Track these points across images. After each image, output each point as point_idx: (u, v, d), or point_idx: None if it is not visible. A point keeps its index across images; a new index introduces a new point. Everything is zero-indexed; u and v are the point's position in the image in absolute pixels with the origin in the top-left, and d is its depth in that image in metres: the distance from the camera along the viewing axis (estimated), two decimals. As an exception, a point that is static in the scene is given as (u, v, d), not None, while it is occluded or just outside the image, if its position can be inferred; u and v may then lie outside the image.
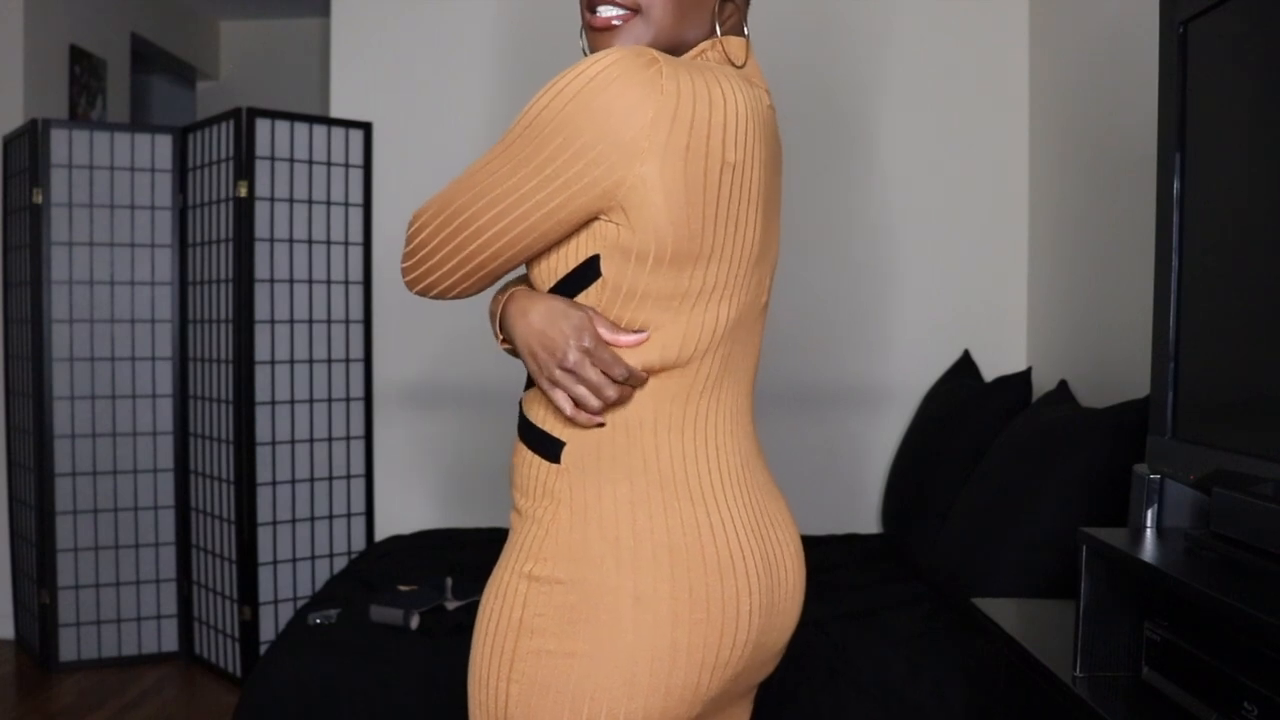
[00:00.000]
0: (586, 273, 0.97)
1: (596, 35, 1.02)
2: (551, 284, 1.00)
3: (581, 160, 0.91)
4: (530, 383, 1.07)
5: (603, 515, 0.98)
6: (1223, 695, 1.13)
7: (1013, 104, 3.16)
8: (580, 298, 0.98)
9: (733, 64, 1.04)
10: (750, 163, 0.97)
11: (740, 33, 1.09)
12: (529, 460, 1.04)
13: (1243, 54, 1.23)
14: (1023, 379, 2.67)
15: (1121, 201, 2.52)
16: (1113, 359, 2.56)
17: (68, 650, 3.20)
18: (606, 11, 1.00)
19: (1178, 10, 1.36)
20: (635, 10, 1.00)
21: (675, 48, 1.03)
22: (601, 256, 0.96)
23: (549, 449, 1.02)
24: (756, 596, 1.01)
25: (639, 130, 0.90)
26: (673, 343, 0.98)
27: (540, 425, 1.03)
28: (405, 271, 1.07)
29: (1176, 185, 1.36)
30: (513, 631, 0.98)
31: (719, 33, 1.04)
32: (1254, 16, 1.21)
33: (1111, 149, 2.58)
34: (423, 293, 1.06)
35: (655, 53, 0.93)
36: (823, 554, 2.77)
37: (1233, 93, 1.26)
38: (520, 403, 1.08)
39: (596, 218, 0.95)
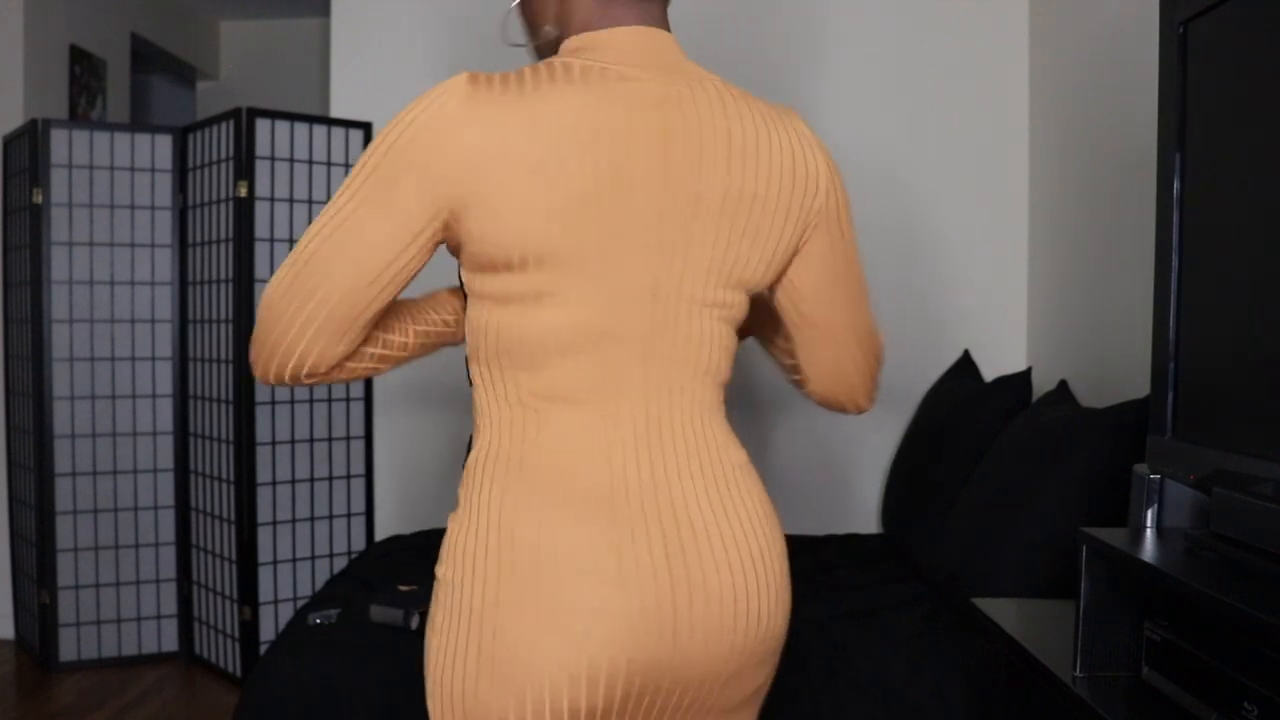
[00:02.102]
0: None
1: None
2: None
3: (420, 186, 0.95)
4: None
5: (476, 517, 1.00)
6: (1223, 695, 1.13)
7: (1013, 104, 3.16)
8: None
9: (612, 61, 1.00)
10: (610, 165, 0.96)
11: (660, 23, 1.04)
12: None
13: (1243, 54, 1.23)
14: (1023, 379, 2.67)
15: (1121, 201, 2.52)
16: (1113, 359, 2.56)
17: (68, 650, 3.20)
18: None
19: (1178, 10, 1.36)
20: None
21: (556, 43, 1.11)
22: (460, 264, 1.02)
23: (467, 455, 1.07)
24: (620, 617, 0.96)
25: (471, 149, 0.93)
26: (523, 347, 0.99)
27: (473, 432, 1.07)
28: (260, 349, 1.00)
29: (1176, 185, 1.36)
30: (429, 629, 1.03)
31: (572, 29, 1.05)
32: (1254, 16, 1.21)
33: (1111, 149, 2.58)
34: (281, 364, 0.99)
35: (488, 74, 0.97)
36: (823, 554, 2.77)
37: (1233, 93, 1.26)
38: None
39: (451, 233, 0.98)
